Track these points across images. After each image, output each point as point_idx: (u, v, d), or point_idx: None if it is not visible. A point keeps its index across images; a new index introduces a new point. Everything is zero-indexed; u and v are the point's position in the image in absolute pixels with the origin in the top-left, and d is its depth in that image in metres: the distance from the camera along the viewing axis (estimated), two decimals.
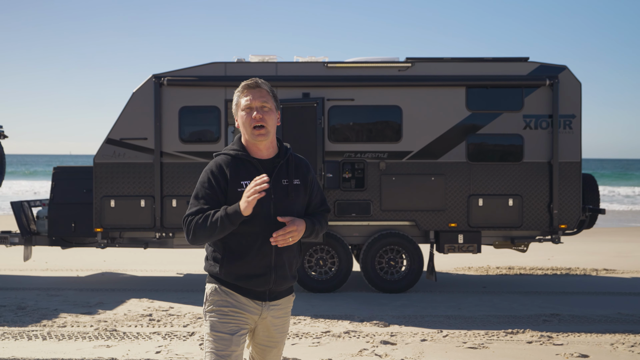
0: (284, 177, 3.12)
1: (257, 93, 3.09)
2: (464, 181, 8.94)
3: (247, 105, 3.08)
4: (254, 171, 3.08)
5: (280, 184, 3.11)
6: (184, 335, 6.57)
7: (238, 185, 3.05)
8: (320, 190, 3.32)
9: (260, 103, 3.08)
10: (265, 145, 3.12)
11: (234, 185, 3.05)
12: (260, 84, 3.11)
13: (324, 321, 7.26)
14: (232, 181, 3.05)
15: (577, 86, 8.96)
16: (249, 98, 3.09)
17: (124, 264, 11.58)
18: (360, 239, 9.11)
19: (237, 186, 3.05)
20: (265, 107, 3.08)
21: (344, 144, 8.97)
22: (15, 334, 6.62)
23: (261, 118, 3.06)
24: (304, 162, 3.25)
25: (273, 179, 3.09)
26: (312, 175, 3.25)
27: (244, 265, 3.06)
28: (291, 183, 3.13)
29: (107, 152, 8.94)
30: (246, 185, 3.03)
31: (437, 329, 6.92)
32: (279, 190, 3.09)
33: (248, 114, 3.08)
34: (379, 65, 9.00)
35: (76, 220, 9.18)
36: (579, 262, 11.79)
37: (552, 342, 6.43)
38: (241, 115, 3.11)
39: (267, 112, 3.08)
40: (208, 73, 8.95)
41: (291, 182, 3.13)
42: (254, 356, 3.30)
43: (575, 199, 8.91)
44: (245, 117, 3.09)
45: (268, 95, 3.11)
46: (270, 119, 3.09)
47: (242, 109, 3.11)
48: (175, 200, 8.90)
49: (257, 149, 3.12)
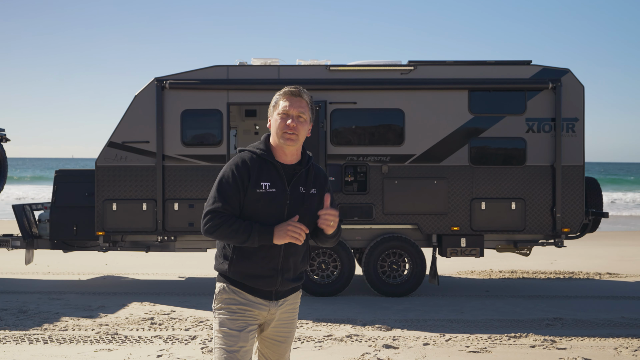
0: (302, 185, 3.20)
1: (297, 102, 3.17)
2: (467, 185, 8.91)
3: (285, 111, 3.16)
4: (275, 174, 3.16)
5: (298, 191, 3.18)
6: (185, 339, 6.55)
7: (257, 186, 3.12)
8: (334, 201, 3.39)
9: (297, 112, 3.16)
10: (291, 151, 3.19)
11: (254, 185, 3.12)
12: (302, 94, 3.20)
13: (326, 325, 7.24)
14: (253, 180, 3.12)
15: (580, 89, 8.94)
16: (288, 105, 3.16)
17: (126, 267, 11.57)
18: (363, 243, 9.08)
19: (257, 186, 3.12)
20: (302, 117, 3.16)
21: (346, 147, 8.95)
22: (17, 337, 6.61)
23: (294, 127, 3.14)
24: (323, 173, 3.33)
25: (291, 186, 3.17)
26: (328, 186, 3.33)
27: (251, 266, 3.14)
28: (308, 192, 3.21)
29: (109, 156, 8.94)
30: (265, 187, 3.11)
31: (439, 333, 6.89)
32: (295, 197, 3.17)
33: (283, 119, 3.15)
34: (382, 69, 8.99)
35: (78, 223, 9.17)
36: (582, 266, 11.75)
37: (556, 346, 6.40)
38: (275, 119, 3.18)
39: (302, 123, 3.17)
40: (210, 76, 8.94)
41: (308, 190, 3.21)
42: (263, 351, 3.35)
43: (578, 203, 8.88)
44: (279, 122, 3.16)
45: (307, 107, 3.20)
46: (303, 129, 3.17)
47: (278, 113, 3.18)
48: (177, 203, 8.89)
49: (282, 152, 3.19)
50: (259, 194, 3.10)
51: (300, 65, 9.16)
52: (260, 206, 3.11)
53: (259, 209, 3.11)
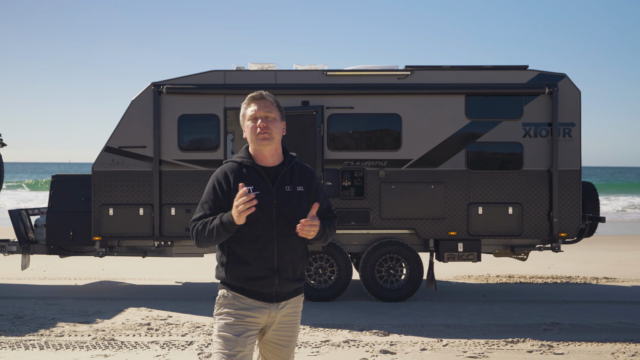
0: (287, 184, 3.24)
1: (262, 104, 3.25)
2: (464, 189, 8.92)
3: (253, 116, 3.23)
4: (257, 178, 3.21)
5: (283, 190, 3.22)
6: (182, 345, 6.53)
7: None
8: (326, 198, 3.42)
9: (264, 113, 3.23)
10: (269, 152, 3.24)
11: (237, 191, 3.13)
12: (264, 96, 3.28)
13: (324, 330, 7.23)
14: (235, 187, 3.17)
15: (576, 94, 8.96)
16: (254, 109, 3.24)
17: (123, 272, 11.54)
18: (360, 248, 9.08)
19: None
20: (270, 116, 3.24)
21: (343, 152, 8.95)
22: (12, 343, 6.58)
23: (265, 126, 3.20)
24: (309, 170, 3.37)
25: (276, 185, 3.21)
26: (317, 183, 3.36)
27: (247, 269, 3.18)
28: (294, 190, 3.24)
29: (106, 160, 8.92)
30: (249, 190, 3.14)
31: (437, 338, 6.88)
32: (281, 196, 3.21)
33: (253, 122, 3.23)
34: (378, 74, 9.00)
35: (74, 228, 9.15)
36: (579, 271, 11.76)
37: (553, 351, 6.39)
38: (247, 125, 3.26)
39: (272, 121, 3.24)
40: (207, 81, 8.95)
41: (294, 188, 3.24)
42: (265, 356, 3.35)
43: (575, 207, 8.89)
44: (251, 127, 3.23)
45: (272, 106, 3.26)
46: (275, 127, 3.24)
47: (247, 119, 3.25)
48: (174, 208, 8.87)
49: (262, 156, 3.25)
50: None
51: (297, 70, 9.17)
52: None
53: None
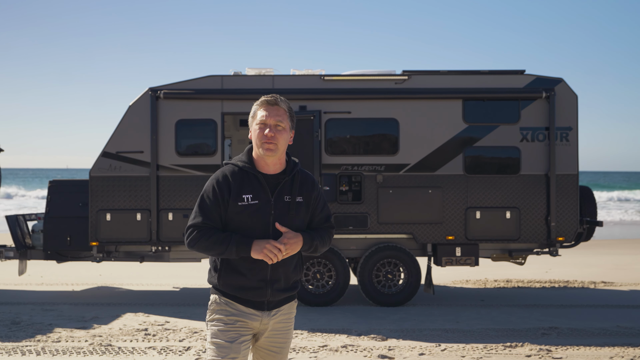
0: (287, 194, 3.17)
1: (274, 111, 3.14)
2: (461, 194, 8.92)
3: (262, 121, 3.13)
4: (257, 186, 3.14)
5: (282, 200, 3.16)
6: (179, 350, 6.52)
7: (239, 199, 3.11)
8: (325, 207, 3.35)
9: (275, 121, 3.13)
10: (272, 161, 3.17)
11: (235, 198, 3.11)
12: (278, 102, 3.17)
13: (321, 335, 7.21)
14: (234, 193, 3.11)
15: (573, 98, 8.98)
16: (265, 114, 3.13)
17: (120, 278, 11.51)
18: (358, 252, 9.07)
19: (239, 199, 3.11)
20: (280, 126, 3.14)
21: (340, 156, 8.95)
22: (9, 349, 6.55)
23: (272, 136, 3.11)
24: (310, 179, 3.29)
25: (275, 195, 3.14)
26: (317, 192, 3.28)
27: (240, 278, 3.13)
28: (293, 200, 3.18)
29: (103, 166, 8.91)
30: (248, 199, 3.09)
31: (435, 343, 6.87)
32: (280, 206, 3.15)
33: (261, 129, 3.13)
34: (376, 78, 9.01)
35: (72, 234, 9.13)
36: (577, 275, 11.76)
37: (551, 355, 6.38)
38: (254, 129, 3.16)
39: (280, 131, 3.14)
40: (205, 86, 8.95)
41: (294, 199, 3.18)
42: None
43: (572, 212, 8.89)
44: (257, 132, 3.13)
45: (284, 115, 3.16)
46: (282, 138, 3.14)
47: (256, 123, 3.16)
48: (171, 213, 8.86)
49: (264, 163, 3.18)
50: (241, 207, 3.10)
51: (295, 75, 9.18)
52: (244, 218, 3.10)
53: (243, 222, 3.11)
